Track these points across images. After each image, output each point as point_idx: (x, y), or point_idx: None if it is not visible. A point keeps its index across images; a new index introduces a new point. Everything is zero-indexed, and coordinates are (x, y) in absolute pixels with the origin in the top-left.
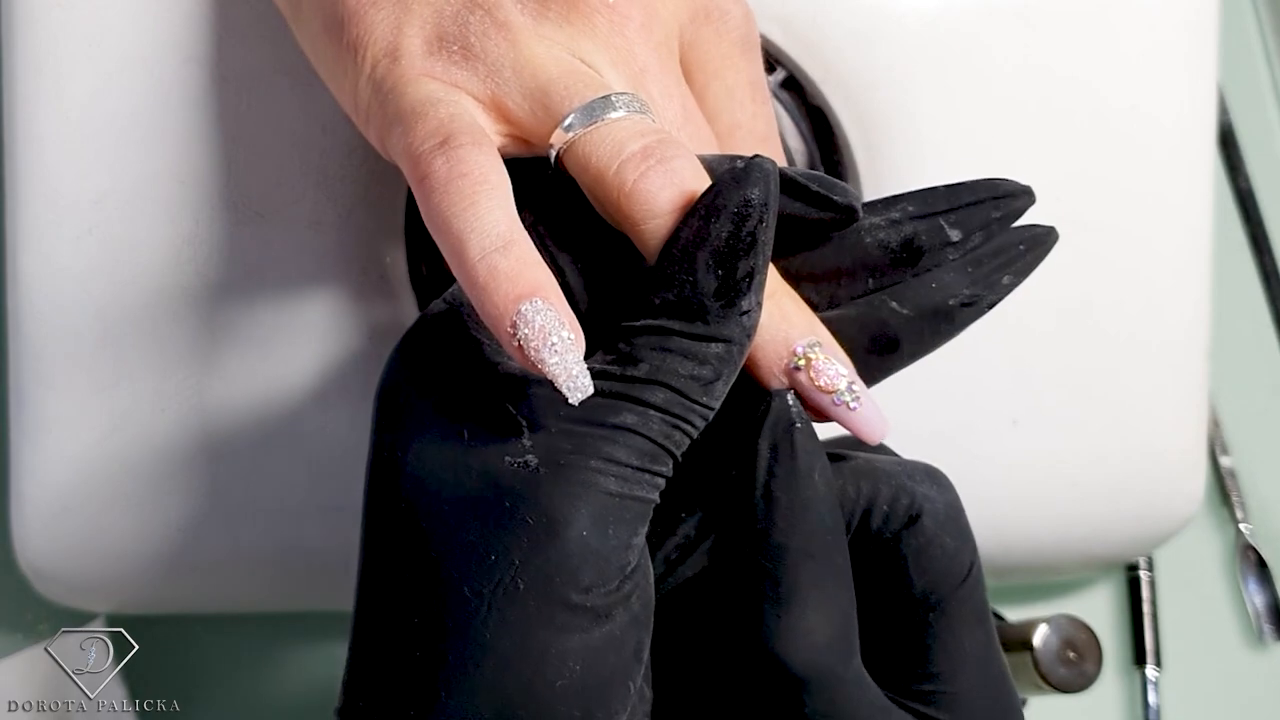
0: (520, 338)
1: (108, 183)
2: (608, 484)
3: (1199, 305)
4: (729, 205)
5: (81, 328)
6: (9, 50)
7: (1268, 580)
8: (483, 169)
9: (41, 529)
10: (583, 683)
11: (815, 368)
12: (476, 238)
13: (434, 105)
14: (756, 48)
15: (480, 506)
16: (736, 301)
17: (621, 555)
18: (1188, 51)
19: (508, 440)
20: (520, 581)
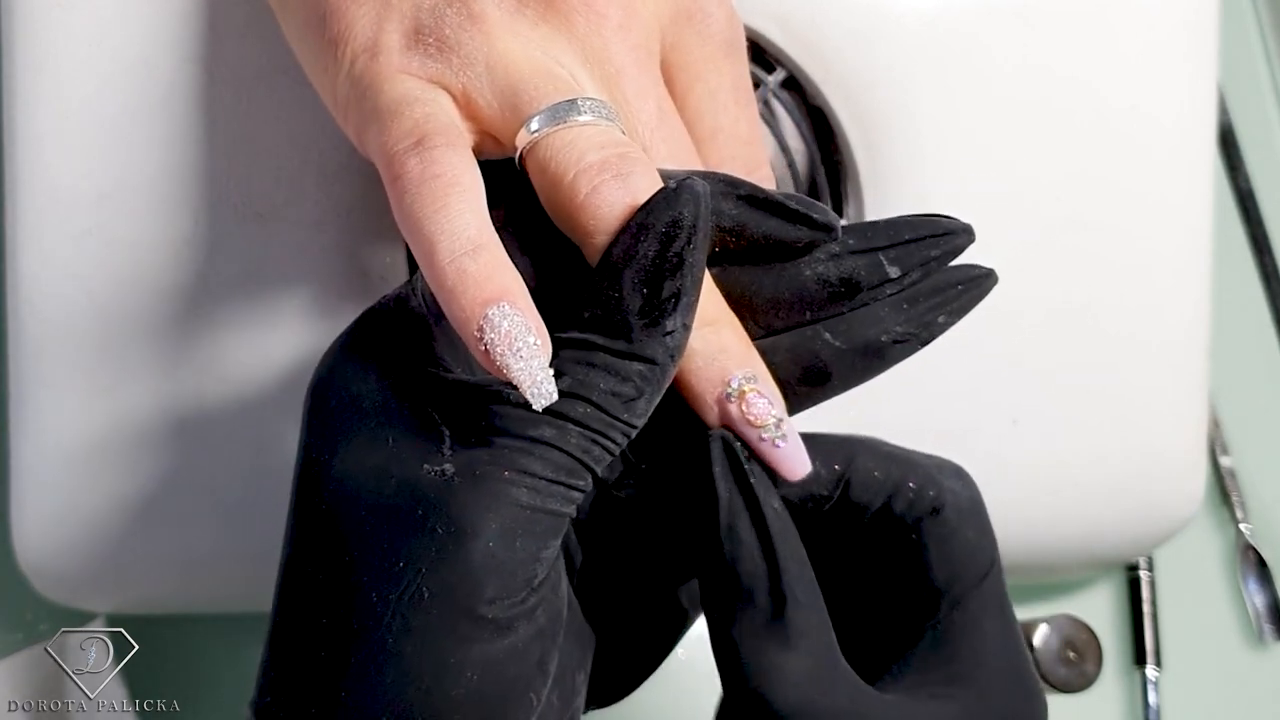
0: (486, 342)
1: (108, 183)
2: (519, 496)
3: (1199, 305)
4: (657, 225)
5: (82, 328)
6: (9, 50)
7: (1268, 580)
8: (455, 170)
9: (41, 529)
10: (481, 693)
11: (748, 401)
12: (446, 240)
13: (410, 104)
14: (741, 51)
15: (395, 514)
16: (661, 322)
17: (528, 568)
18: (1188, 51)
19: (429, 449)
20: (425, 590)
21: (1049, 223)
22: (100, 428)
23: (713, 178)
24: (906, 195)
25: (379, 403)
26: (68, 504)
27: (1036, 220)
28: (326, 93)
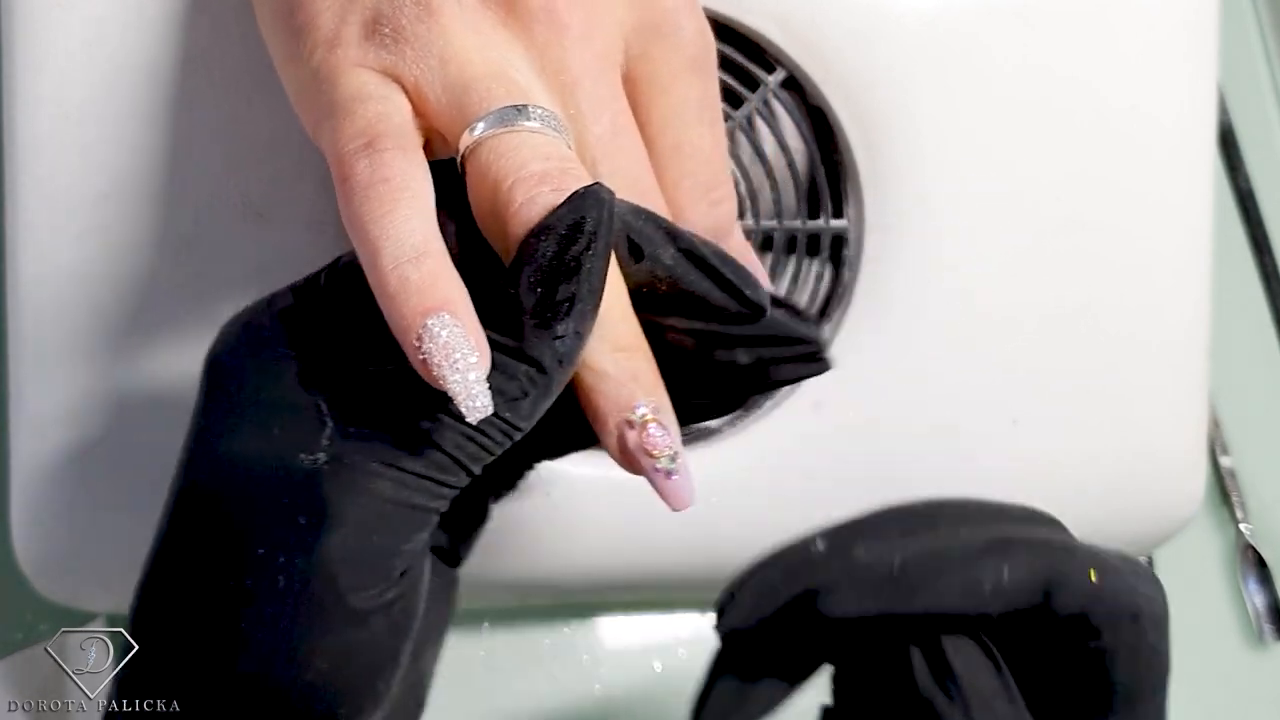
0: (424, 352)
1: (107, 183)
2: (383, 489)
3: (1199, 305)
4: (557, 228)
5: (81, 328)
6: (9, 50)
7: (1268, 580)
8: (404, 175)
9: (42, 528)
10: (331, 680)
11: (648, 432)
12: (390, 246)
13: (363, 102)
14: (711, 66)
15: (264, 500)
16: (551, 325)
17: (386, 561)
18: (1188, 51)
19: (309, 438)
20: (282, 578)
21: (1049, 222)
22: (100, 428)
23: (656, 221)
24: (906, 195)
25: (271, 388)
26: (68, 504)
27: (1036, 220)
28: (289, 84)
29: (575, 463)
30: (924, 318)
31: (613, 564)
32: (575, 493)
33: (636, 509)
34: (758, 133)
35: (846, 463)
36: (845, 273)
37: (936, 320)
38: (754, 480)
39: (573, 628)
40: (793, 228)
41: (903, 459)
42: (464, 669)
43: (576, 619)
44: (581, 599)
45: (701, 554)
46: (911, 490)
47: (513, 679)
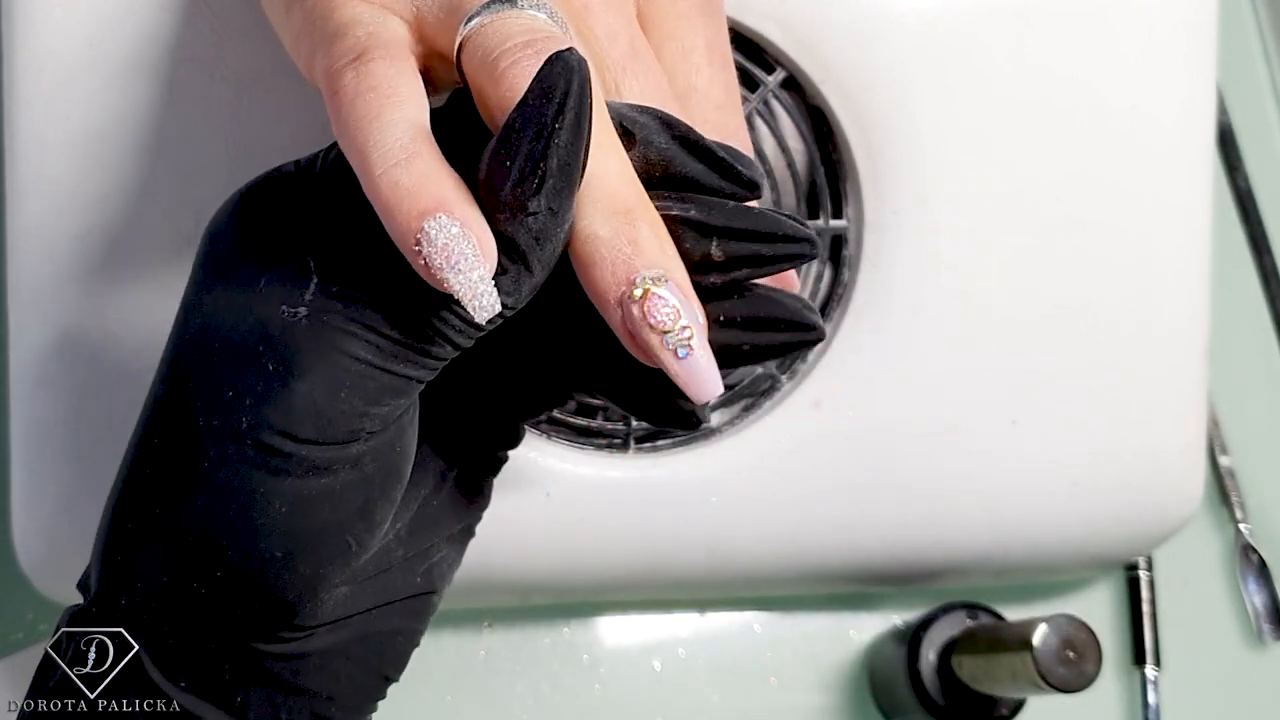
0: (425, 256)
1: (108, 183)
2: (357, 350)
3: (1198, 305)
4: (527, 99)
5: (82, 328)
6: (10, 51)
7: (1267, 580)
8: (392, 82)
9: (42, 528)
10: (288, 526)
11: (650, 302)
12: (379, 151)
13: (354, 25)
14: (719, 10)
15: (240, 348)
16: (523, 201)
17: (352, 420)
18: (1187, 51)
19: (293, 293)
20: (244, 420)
21: (1048, 222)
22: (100, 428)
23: (651, 112)
24: (906, 195)
25: (262, 247)
26: (68, 504)
27: (1036, 220)
28: (286, 34)
29: (575, 463)
30: (923, 318)
31: (612, 564)
32: (575, 493)
33: (636, 509)
34: (758, 133)
35: (845, 462)
36: (844, 273)
37: (936, 320)
38: (754, 479)
39: (572, 627)
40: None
41: (902, 458)
42: (464, 668)
43: (576, 619)
44: (581, 599)
45: (701, 554)
46: (911, 489)
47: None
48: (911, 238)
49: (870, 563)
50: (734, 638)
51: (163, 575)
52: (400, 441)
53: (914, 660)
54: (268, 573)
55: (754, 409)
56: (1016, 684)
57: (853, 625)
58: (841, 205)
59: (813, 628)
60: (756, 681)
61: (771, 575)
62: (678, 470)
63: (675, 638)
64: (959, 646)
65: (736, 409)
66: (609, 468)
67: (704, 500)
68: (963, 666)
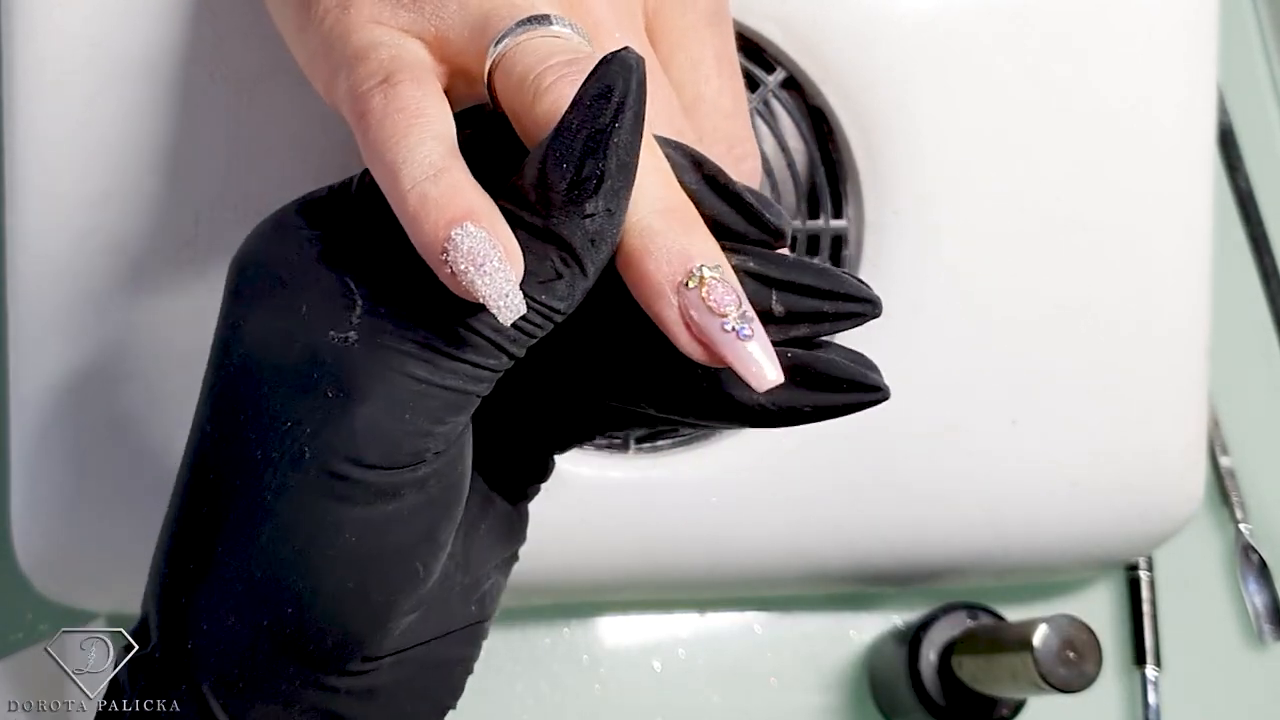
0: (451, 263)
1: (109, 183)
2: (415, 369)
3: (1199, 305)
4: (583, 99)
5: (82, 328)
6: (10, 51)
7: (1267, 580)
8: (419, 104)
9: (42, 529)
10: (357, 555)
11: (709, 286)
12: (408, 168)
13: (376, 48)
14: (726, 20)
15: (292, 375)
16: (581, 202)
17: (417, 440)
18: (1188, 51)
19: (339, 316)
20: (307, 450)
21: (1049, 222)
22: (100, 429)
23: (682, 149)
24: (906, 195)
25: (299, 272)
26: (68, 505)
27: (1036, 220)
28: (301, 53)
29: (576, 463)
30: (923, 317)
31: (612, 564)
32: (575, 493)
33: (636, 509)
34: (758, 132)
35: (846, 462)
36: None
37: (936, 320)
38: (754, 480)
39: (572, 628)
40: (793, 228)
41: (902, 458)
42: None
43: (576, 619)
44: (581, 599)
45: (701, 554)
46: (911, 489)
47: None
48: (912, 238)
49: (870, 563)
50: (734, 638)
51: (229, 615)
52: (461, 461)
53: (914, 660)
54: (339, 605)
55: None
56: (1017, 684)
57: (853, 625)
58: (842, 205)
59: (813, 628)
60: (757, 682)
61: (772, 575)
62: (678, 470)
63: (675, 638)
64: (959, 647)
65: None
66: (609, 468)
67: (704, 501)
68: (963, 667)
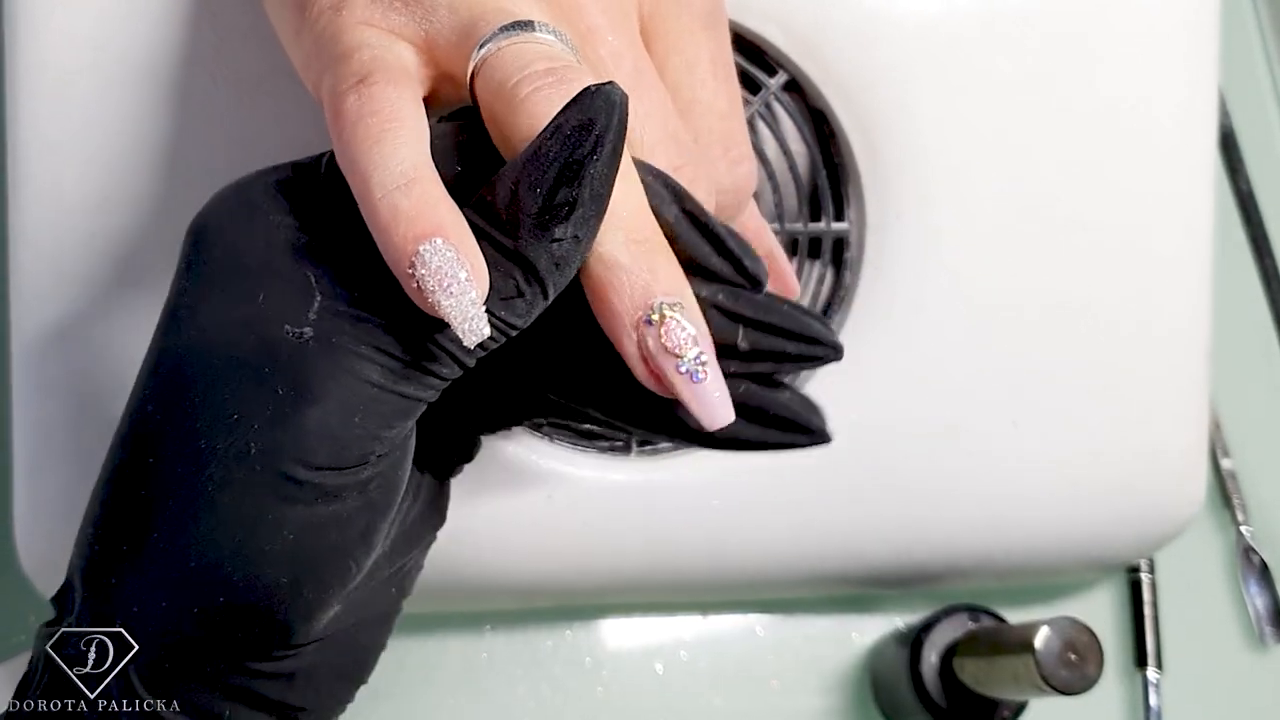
0: (418, 279)
1: (110, 186)
2: (368, 373)
3: (1200, 307)
4: (564, 127)
5: (84, 330)
6: (11, 54)
7: (1268, 583)
8: (393, 106)
9: (45, 531)
10: (295, 552)
11: (667, 326)
12: (379, 175)
13: (361, 49)
14: (722, 23)
15: (244, 367)
16: (550, 227)
17: (365, 444)
18: (1188, 53)
19: (296, 311)
20: (253, 445)
21: (1050, 225)
22: (102, 431)
23: (664, 180)
24: (907, 197)
25: (259, 257)
26: (70, 507)
27: (1037, 222)
28: (296, 55)
29: (577, 465)
30: (925, 319)
31: (614, 566)
32: (577, 496)
33: (638, 511)
34: (760, 136)
35: (847, 464)
36: (846, 275)
37: (937, 322)
38: (755, 482)
39: (574, 630)
40: (794, 230)
41: (903, 460)
42: (467, 671)
43: (579, 621)
44: (583, 601)
45: (703, 556)
46: (913, 490)
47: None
48: (913, 240)
49: (872, 565)
50: (736, 640)
51: (161, 600)
52: (403, 464)
53: (916, 663)
54: (272, 597)
55: None
56: (1018, 686)
57: (855, 628)
58: (843, 207)
59: (815, 630)
60: (759, 684)
61: (773, 578)
62: (679, 473)
63: (677, 640)
64: (961, 649)
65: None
66: (611, 471)
67: (706, 503)
68: (965, 669)
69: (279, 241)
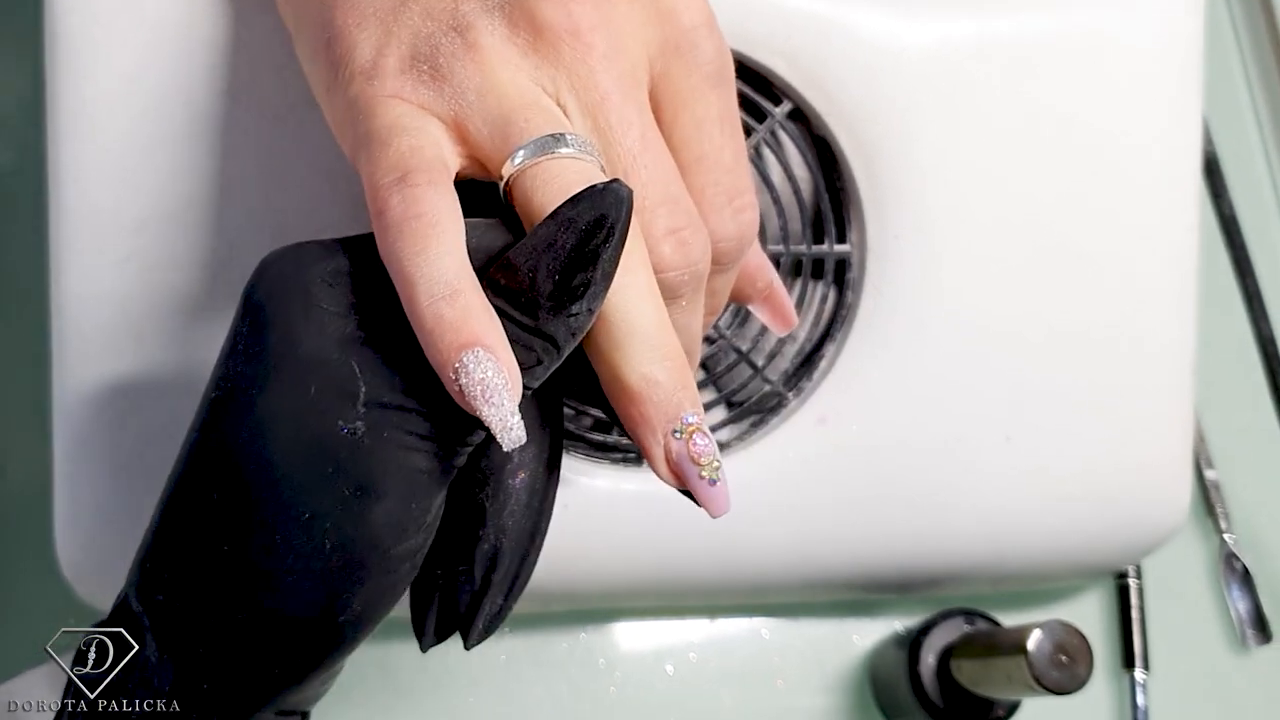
0: (461, 384)
1: (147, 210)
2: (419, 462)
3: (1185, 325)
4: (579, 221)
5: (122, 348)
6: (53, 82)
7: (1250, 588)
8: (436, 211)
9: (83, 539)
10: (360, 619)
11: (694, 440)
12: (425, 284)
13: (398, 134)
14: (729, 81)
15: (308, 465)
16: (567, 306)
17: (420, 519)
18: (1174, 85)
19: (344, 404)
20: (328, 541)
21: (1042, 247)
22: (138, 441)
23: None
24: (906, 221)
25: (310, 347)
26: (107, 514)
27: (1031, 245)
28: (328, 112)
29: (592, 476)
30: (923, 337)
31: (627, 572)
32: (591, 505)
33: (650, 520)
34: (765, 162)
35: (849, 475)
36: (848, 295)
37: (935, 340)
38: (761, 492)
39: (589, 633)
40: (799, 252)
41: (903, 472)
42: (486, 672)
43: (593, 624)
44: (597, 605)
45: (711, 563)
46: (912, 501)
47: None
48: (912, 262)
49: (872, 571)
50: (743, 642)
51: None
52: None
53: (914, 664)
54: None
55: (762, 425)
56: (1012, 686)
57: (856, 631)
58: (845, 231)
59: (817, 633)
60: (764, 684)
61: (778, 583)
62: None
63: (687, 642)
64: (957, 651)
65: (745, 425)
66: (624, 481)
67: None
68: (961, 670)
69: (329, 333)
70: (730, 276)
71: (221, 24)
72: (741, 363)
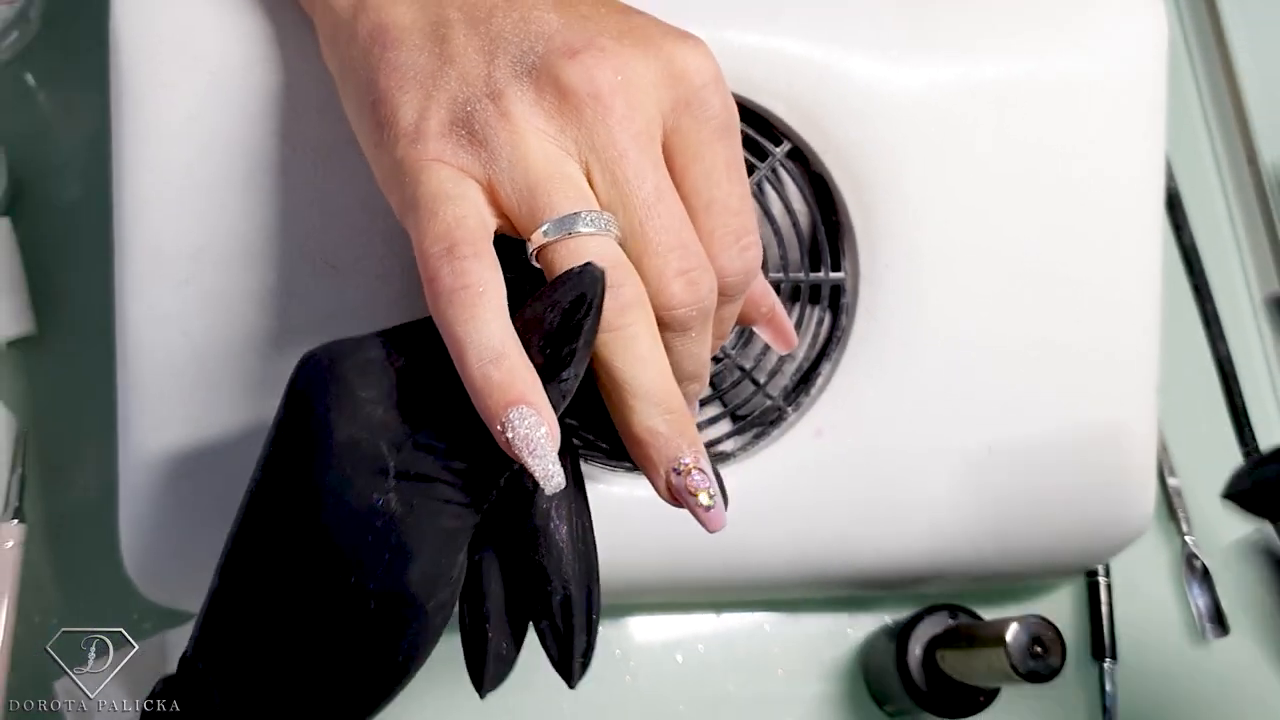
0: (509, 437)
1: (204, 239)
2: (445, 522)
3: (1149, 345)
4: (561, 302)
5: (181, 367)
6: (119, 122)
7: (1209, 585)
8: (482, 281)
9: (145, 541)
10: (404, 666)
11: (691, 477)
12: (474, 349)
13: (443, 202)
14: (735, 133)
15: (354, 531)
16: (558, 374)
17: (451, 570)
18: (1140, 125)
19: (377, 479)
20: (372, 600)
21: (1020, 274)
22: (196, 452)
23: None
24: (896, 251)
25: (345, 432)
26: (168, 519)
27: (1010, 272)
28: (376, 169)
29: (608, 483)
30: (911, 357)
31: (640, 571)
32: (607, 509)
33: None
34: (767, 197)
35: (843, 482)
36: (843, 318)
37: (922, 359)
38: (763, 498)
39: (605, 626)
40: (797, 279)
41: (892, 480)
42: None
43: (609, 619)
44: (613, 601)
45: (717, 563)
46: (902, 506)
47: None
48: (901, 288)
49: (864, 570)
50: (746, 635)
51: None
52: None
53: (902, 655)
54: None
55: (763, 437)
56: (992, 675)
57: (849, 624)
58: (840, 260)
59: (815, 627)
60: (766, 673)
61: (778, 581)
62: None
63: (695, 635)
64: (942, 642)
65: (748, 436)
66: (637, 488)
67: None
68: (945, 660)
69: (360, 417)
70: (736, 307)
71: (273, 69)
72: (745, 379)
